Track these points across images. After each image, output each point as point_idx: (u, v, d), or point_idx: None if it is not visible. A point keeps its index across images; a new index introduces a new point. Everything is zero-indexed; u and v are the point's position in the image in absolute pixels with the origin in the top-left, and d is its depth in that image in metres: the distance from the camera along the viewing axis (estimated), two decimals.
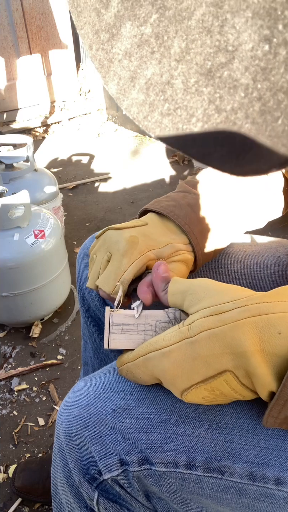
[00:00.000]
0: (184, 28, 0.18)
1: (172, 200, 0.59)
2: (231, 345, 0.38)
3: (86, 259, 0.72)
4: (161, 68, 0.19)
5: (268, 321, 0.37)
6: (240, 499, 0.45)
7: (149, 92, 0.19)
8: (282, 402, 0.38)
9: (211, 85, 0.18)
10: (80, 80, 3.46)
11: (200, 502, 0.47)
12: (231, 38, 0.17)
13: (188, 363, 0.40)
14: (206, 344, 0.39)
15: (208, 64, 0.18)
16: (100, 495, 0.48)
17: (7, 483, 1.05)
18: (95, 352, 0.82)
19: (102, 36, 0.20)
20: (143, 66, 0.19)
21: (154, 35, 0.18)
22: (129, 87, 0.20)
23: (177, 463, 0.45)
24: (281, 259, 0.67)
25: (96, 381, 0.50)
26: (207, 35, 0.17)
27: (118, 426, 0.46)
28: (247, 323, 0.38)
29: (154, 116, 0.20)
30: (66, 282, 1.50)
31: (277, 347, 0.37)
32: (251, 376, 0.39)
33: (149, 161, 2.63)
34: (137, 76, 0.20)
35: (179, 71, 0.18)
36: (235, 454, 0.44)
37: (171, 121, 0.19)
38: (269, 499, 0.44)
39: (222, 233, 0.60)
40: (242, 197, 0.61)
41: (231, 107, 0.18)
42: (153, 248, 0.54)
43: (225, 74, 0.17)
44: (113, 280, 0.52)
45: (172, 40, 0.18)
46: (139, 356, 0.44)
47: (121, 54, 0.20)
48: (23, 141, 1.58)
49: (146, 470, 0.45)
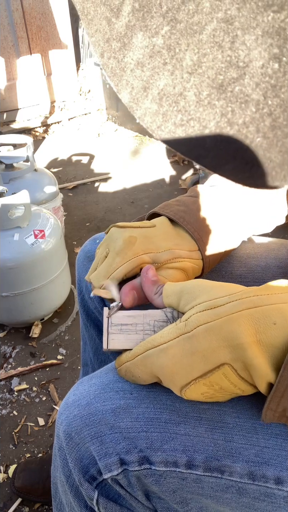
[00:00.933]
0: (195, 41, 0.18)
1: (183, 204, 0.59)
2: (227, 337, 0.38)
3: (86, 262, 0.72)
4: (173, 79, 0.19)
5: (263, 312, 0.38)
6: (240, 498, 0.45)
7: (162, 103, 0.20)
8: (280, 394, 0.38)
9: (223, 99, 0.18)
10: (80, 80, 3.46)
11: (200, 501, 0.47)
12: (242, 54, 0.17)
13: (186, 358, 0.40)
14: (203, 338, 0.39)
15: (220, 78, 0.18)
16: (100, 495, 0.49)
17: (7, 483, 1.05)
18: (94, 353, 0.82)
19: (114, 44, 0.20)
20: (155, 76, 0.20)
21: (166, 47, 0.19)
22: (142, 96, 0.21)
23: (177, 463, 0.45)
24: (284, 261, 0.66)
25: (96, 381, 0.50)
26: (219, 50, 0.18)
27: (118, 425, 0.46)
28: (242, 315, 0.38)
29: (168, 126, 0.20)
30: (66, 282, 1.50)
31: (273, 337, 0.37)
32: (249, 368, 0.39)
33: (149, 161, 2.63)
34: (150, 86, 0.20)
35: (192, 84, 0.19)
36: (235, 453, 0.44)
37: (185, 132, 0.20)
38: (269, 499, 0.44)
39: (230, 239, 0.60)
40: (251, 202, 0.61)
41: (243, 121, 0.18)
42: (150, 252, 0.53)
43: (236, 89, 0.18)
44: (103, 277, 0.52)
45: (184, 52, 0.18)
46: (137, 355, 0.44)
47: (133, 63, 0.20)
48: (23, 141, 1.58)
49: (146, 470, 0.45)
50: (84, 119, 3.24)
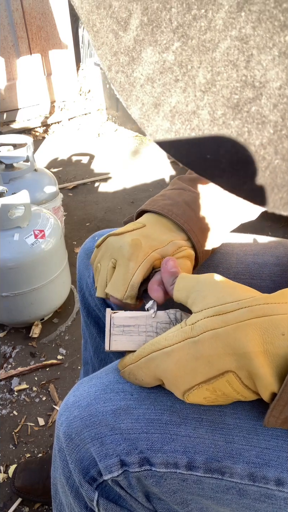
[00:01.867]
0: (208, 59, 0.18)
1: (169, 198, 0.59)
2: (234, 345, 0.38)
3: (86, 259, 0.72)
4: (186, 97, 0.19)
5: (272, 322, 0.37)
6: (241, 499, 0.45)
7: (175, 120, 0.19)
8: (283, 403, 0.38)
9: (238, 119, 0.18)
10: (80, 80, 3.46)
11: (200, 502, 0.47)
12: (258, 74, 0.17)
13: (191, 363, 0.40)
14: (209, 344, 0.39)
15: (235, 98, 0.18)
16: (100, 496, 0.48)
17: (7, 483, 1.05)
18: (95, 351, 0.82)
19: (122, 58, 0.20)
20: (167, 93, 0.19)
21: (178, 63, 0.18)
22: (153, 113, 0.20)
23: (177, 464, 0.45)
24: (281, 259, 0.66)
25: (96, 382, 0.50)
26: (233, 69, 0.17)
27: (118, 426, 0.46)
28: (250, 324, 0.38)
29: (181, 144, 0.20)
30: (66, 282, 1.50)
31: (281, 348, 0.37)
32: (253, 377, 0.38)
33: (149, 161, 2.63)
34: (161, 103, 0.20)
35: (205, 102, 0.18)
36: (235, 454, 0.44)
37: (199, 152, 0.20)
38: (269, 500, 0.44)
39: (219, 227, 0.61)
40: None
41: (260, 142, 0.18)
42: (156, 248, 0.54)
43: (253, 109, 0.17)
44: (123, 286, 0.52)
45: (196, 70, 0.18)
46: (141, 357, 0.44)
47: (143, 79, 0.20)
48: (23, 141, 1.58)
49: (147, 471, 0.45)
50: (84, 119, 3.24)
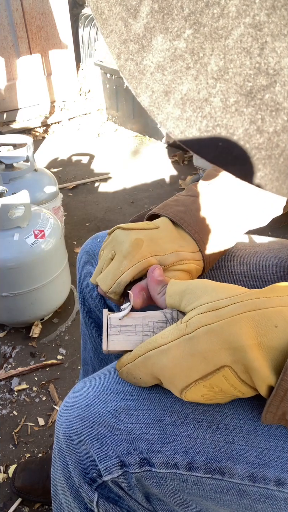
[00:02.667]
0: (221, 46, 0.17)
1: (182, 205, 0.59)
2: (228, 340, 0.38)
3: (86, 260, 0.72)
4: (197, 84, 0.19)
5: (265, 315, 0.38)
6: (241, 500, 0.45)
7: (186, 108, 0.19)
8: (279, 398, 0.38)
9: (252, 106, 0.18)
10: (80, 80, 3.46)
11: (200, 503, 0.47)
12: (272, 62, 0.17)
13: (187, 359, 0.40)
14: (204, 340, 0.39)
15: (249, 85, 0.17)
16: (100, 497, 0.48)
17: (7, 483, 1.05)
18: (95, 352, 0.82)
19: (131, 46, 0.20)
20: (177, 81, 0.19)
21: (189, 51, 0.18)
22: (164, 101, 0.20)
23: (177, 465, 0.45)
24: (283, 261, 0.66)
25: (96, 382, 0.50)
26: (246, 56, 0.17)
27: (118, 427, 0.46)
28: (243, 318, 0.38)
29: (192, 132, 0.20)
30: (66, 282, 1.50)
31: (274, 340, 0.37)
32: (249, 370, 0.39)
33: (149, 161, 2.63)
34: (172, 91, 0.19)
35: (218, 90, 0.18)
36: (235, 455, 0.44)
37: (210, 139, 0.19)
38: (269, 500, 0.44)
39: (229, 237, 0.60)
40: (248, 197, 0.61)
41: (274, 129, 0.18)
42: (156, 254, 0.53)
43: (266, 96, 0.17)
44: (111, 280, 0.52)
45: (208, 57, 0.18)
46: (138, 356, 0.44)
47: (153, 66, 0.19)
48: (23, 141, 1.58)
49: (146, 472, 0.45)
50: (84, 119, 3.24)
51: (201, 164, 2.07)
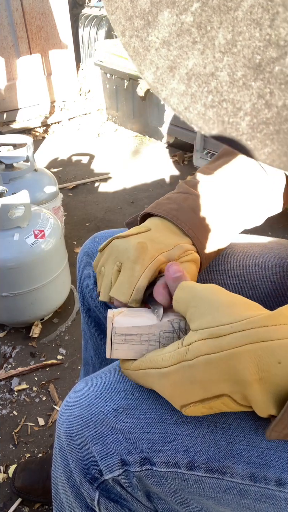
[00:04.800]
0: (230, 19, 0.17)
1: (174, 202, 0.58)
2: (228, 373, 0.38)
3: (86, 260, 0.72)
4: (204, 59, 0.18)
5: (268, 349, 0.36)
6: (241, 500, 0.45)
7: (191, 83, 0.19)
8: (285, 422, 0.37)
9: (260, 80, 0.17)
10: (80, 80, 3.46)
11: (201, 502, 0.47)
12: (283, 33, 0.16)
13: (186, 385, 0.40)
14: (203, 370, 0.39)
15: (257, 58, 0.17)
16: (101, 495, 0.48)
17: (7, 483, 1.05)
18: (96, 352, 0.82)
19: (136, 22, 0.19)
20: (183, 56, 0.18)
21: (196, 25, 0.18)
22: (168, 77, 0.19)
23: (178, 464, 0.45)
24: (282, 260, 0.66)
25: (97, 381, 0.50)
26: (256, 28, 0.16)
27: (119, 426, 0.46)
28: (245, 352, 0.37)
29: (197, 107, 0.19)
30: (66, 282, 1.50)
31: (277, 377, 0.36)
32: (249, 401, 0.39)
33: (149, 161, 2.63)
34: (177, 66, 0.19)
35: (225, 63, 0.18)
36: (236, 454, 0.44)
37: (216, 114, 0.19)
38: (270, 500, 0.44)
39: (224, 234, 0.60)
40: (243, 196, 0.61)
41: (283, 103, 0.17)
42: (163, 251, 0.53)
43: (276, 69, 0.17)
44: (128, 289, 0.51)
45: (216, 31, 0.17)
46: (139, 369, 0.44)
47: (159, 42, 0.19)
48: (23, 141, 1.58)
49: (147, 471, 0.45)
50: (84, 119, 3.24)
51: (201, 164, 2.07)
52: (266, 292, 0.65)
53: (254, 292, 0.65)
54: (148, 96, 2.59)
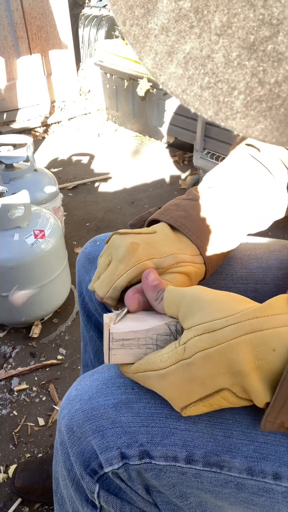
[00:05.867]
0: (225, 2, 0.18)
1: (183, 210, 0.58)
2: (226, 365, 0.38)
3: (86, 263, 0.72)
4: (200, 42, 0.19)
5: (263, 338, 0.37)
6: (239, 493, 0.45)
7: (188, 66, 0.19)
8: (277, 409, 0.38)
9: (254, 59, 0.18)
10: (80, 80, 3.46)
11: (199, 496, 0.48)
12: (276, 12, 0.17)
13: (185, 385, 0.41)
14: (201, 366, 0.39)
15: (251, 38, 0.18)
16: (101, 488, 0.49)
17: (7, 483, 1.05)
18: (95, 354, 0.83)
19: (137, 11, 0.20)
20: (181, 40, 0.19)
21: (193, 10, 0.18)
22: (167, 61, 0.20)
23: (176, 457, 0.45)
24: (285, 262, 0.66)
25: (97, 376, 0.51)
26: (250, 9, 0.17)
27: (119, 420, 0.47)
28: (241, 342, 0.38)
29: (194, 89, 0.20)
30: (66, 282, 1.50)
31: (272, 364, 0.37)
32: (247, 391, 0.39)
33: (149, 161, 2.64)
34: (175, 51, 0.19)
35: (220, 45, 0.18)
36: (234, 449, 0.45)
37: (212, 94, 0.19)
38: (267, 494, 0.45)
39: (231, 241, 0.60)
40: (251, 202, 0.61)
41: (275, 80, 0.18)
42: (153, 257, 0.52)
43: (269, 47, 0.17)
44: (107, 285, 0.51)
45: (212, 14, 0.18)
46: (137, 372, 0.44)
47: (158, 29, 0.20)
48: (23, 141, 1.58)
49: (146, 464, 0.46)
50: (84, 119, 3.25)
51: (201, 164, 2.07)
52: (269, 294, 0.65)
53: (257, 295, 0.65)
54: (148, 96, 2.60)
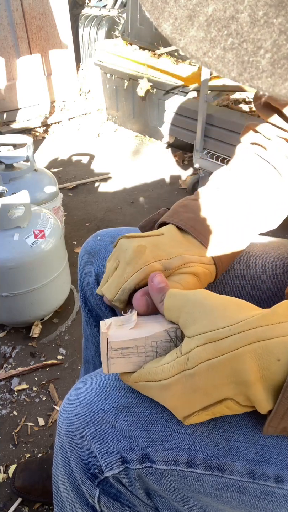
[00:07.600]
0: None
1: (192, 211, 0.58)
2: (231, 375, 0.38)
3: (87, 258, 0.72)
4: (224, 3, 0.18)
5: (267, 347, 0.37)
6: (241, 497, 0.45)
7: (210, 29, 0.19)
8: (280, 416, 0.38)
9: (282, 16, 0.17)
10: (80, 80, 3.46)
11: (200, 500, 0.47)
12: None
13: (188, 395, 0.40)
14: (205, 377, 0.39)
15: None
16: (102, 493, 0.49)
17: (7, 483, 1.05)
18: (96, 350, 0.82)
19: None
20: (203, 3, 0.19)
21: None
22: (187, 26, 0.19)
23: (177, 461, 0.45)
24: (284, 260, 0.66)
25: (97, 379, 0.50)
26: None
27: (119, 424, 0.46)
28: (245, 352, 0.37)
29: (216, 51, 0.19)
30: (66, 282, 1.50)
31: (277, 374, 0.37)
32: (251, 400, 0.39)
33: (149, 161, 2.64)
34: (196, 14, 0.19)
35: (246, 5, 0.18)
36: (235, 452, 0.44)
37: (236, 55, 0.19)
38: (269, 497, 0.44)
39: (240, 243, 0.60)
40: (259, 202, 0.61)
41: None
42: (161, 259, 0.52)
43: None
44: (115, 288, 0.51)
45: None
46: (138, 381, 0.44)
47: None
48: (23, 141, 1.58)
49: (147, 468, 0.46)
50: (84, 119, 3.24)
51: (201, 164, 2.07)
52: (267, 292, 0.65)
53: (255, 292, 0.65)
54: (148, 96, 2.59)
